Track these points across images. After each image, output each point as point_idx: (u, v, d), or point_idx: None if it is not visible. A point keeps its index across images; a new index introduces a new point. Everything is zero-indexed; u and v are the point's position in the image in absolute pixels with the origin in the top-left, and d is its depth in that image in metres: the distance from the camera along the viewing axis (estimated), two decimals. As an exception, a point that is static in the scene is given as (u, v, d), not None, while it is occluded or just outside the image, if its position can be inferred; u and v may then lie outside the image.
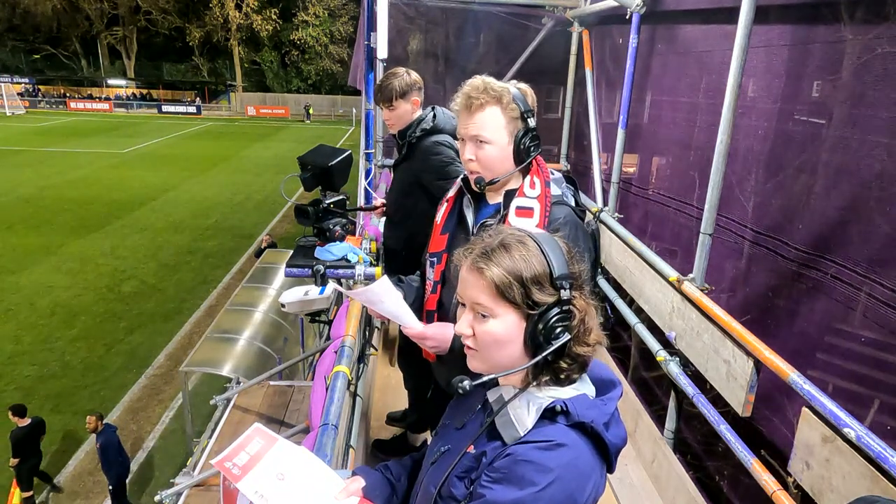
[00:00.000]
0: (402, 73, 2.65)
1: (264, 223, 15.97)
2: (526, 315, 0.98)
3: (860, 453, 1.56)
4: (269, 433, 1.21)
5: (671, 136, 3.36)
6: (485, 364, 1.03)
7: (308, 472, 1.17)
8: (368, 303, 1.60)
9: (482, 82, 1.62)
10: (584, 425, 0.94)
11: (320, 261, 2.85)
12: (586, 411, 0.95)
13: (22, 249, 13.31)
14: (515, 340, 0.99)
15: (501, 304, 0.97)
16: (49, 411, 7.83)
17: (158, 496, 2.67)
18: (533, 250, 0.98)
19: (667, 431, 2.77)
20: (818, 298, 2.07)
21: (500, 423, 1.00)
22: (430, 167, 2.57)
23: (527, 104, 1.63)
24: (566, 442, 0.93)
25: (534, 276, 0.96)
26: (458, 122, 1.68)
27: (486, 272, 0.97)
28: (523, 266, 0.97)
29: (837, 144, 2.02)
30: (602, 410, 0.98)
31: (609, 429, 0.97)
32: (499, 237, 1.01)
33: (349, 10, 41.98)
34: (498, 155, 1.62)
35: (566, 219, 1.63)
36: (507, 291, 0.96)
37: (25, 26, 42.02)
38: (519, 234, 1.02)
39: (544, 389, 1.00)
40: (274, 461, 1.14)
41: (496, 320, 0.98)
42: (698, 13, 3.04)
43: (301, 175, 2.80)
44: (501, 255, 0.98)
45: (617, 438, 0.99)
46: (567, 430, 0.94)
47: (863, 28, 1.91)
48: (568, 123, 4.77)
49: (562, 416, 0.95)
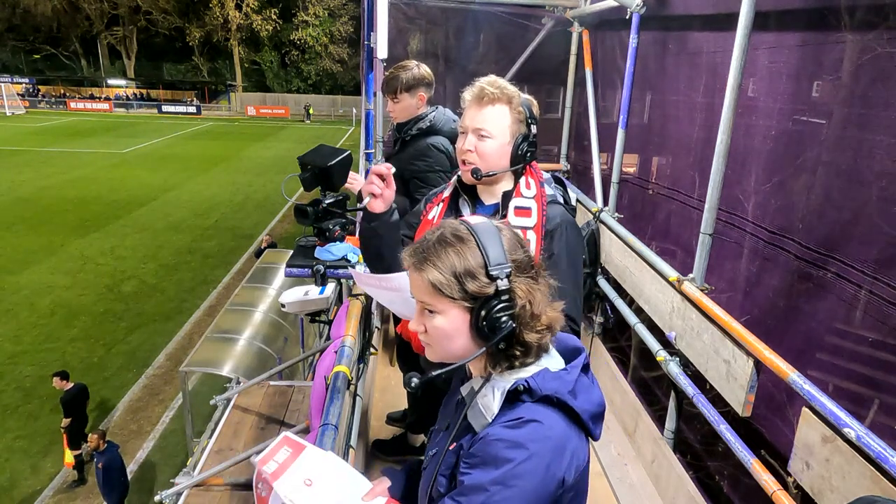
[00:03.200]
0: (411, 67, 2.65)
1: (264, 223, 15.97)
2: (468, 308, 0.99)
3: (860, 453, 1.56)
4: (298, 440, 1.24)
5: (671, 135, 3.36)
6: (440, 356, 1.05)
7: (335, 477, 1.19)
8: (397, 289, 1.57)
9: (497, 80, 1.68)
10: (549, 398, 0.96)
11: (320, 261, 2.85)
12: (548, 384, 0.96)
13: (22, 249, 13.31)
14: (463, 332, 1.01)
15: (442, 300, 0.99)
16: (49, 411, 7.84)
17: (158, 496, 2.66)
18: (469, 242, 0.99)
19: (667, 431, 2.77)
20: (821, 297, 2.07)
21: (471, 414, 1.03)
22: (415, 167, 2.59)
23: (532, 112, 1.70)
24: (535, 417, 0.94)
25: (467, 269, 0.97)
26: (465, 114, 1.71)
27: (424, 272, 0.99)
28: (456, 261, 0.98)
29: (839, 144, 2.02)
30: (565, 380, 0.99)
31: (577, 396, 0.98)
32: (437, 233, 1.02)
33: (349, 10, 41.98)
34: (496, 150, 1.67)
35: (562, 217, 1.69)
36: (444, 288, 0.98)
37: (25, 26, 42.05)
38: (457, 226, 1.02)
39: (507, 374, 1.01)
40: (302, 468, 1.17)
41: (441, 316, 1.01)
42: (700, 16, 3.04)
43: (301, 175, 2.80)
44: (437, 253, 0.99)
45: (588, 404, 0.99)
46: (533, 406, 0.96)
47: (861, 30, 1.91)
48: (568, 123, 4.77)
49: (525, 394, 0.97)
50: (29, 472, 6.91)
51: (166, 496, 2.66)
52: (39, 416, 7.81)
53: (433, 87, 2.70)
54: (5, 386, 8.39)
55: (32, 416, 7.82)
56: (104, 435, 6.16)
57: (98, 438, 6.04)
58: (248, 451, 2.78)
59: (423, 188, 2.58)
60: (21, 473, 6.89)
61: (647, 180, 3.63)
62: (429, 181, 2.56)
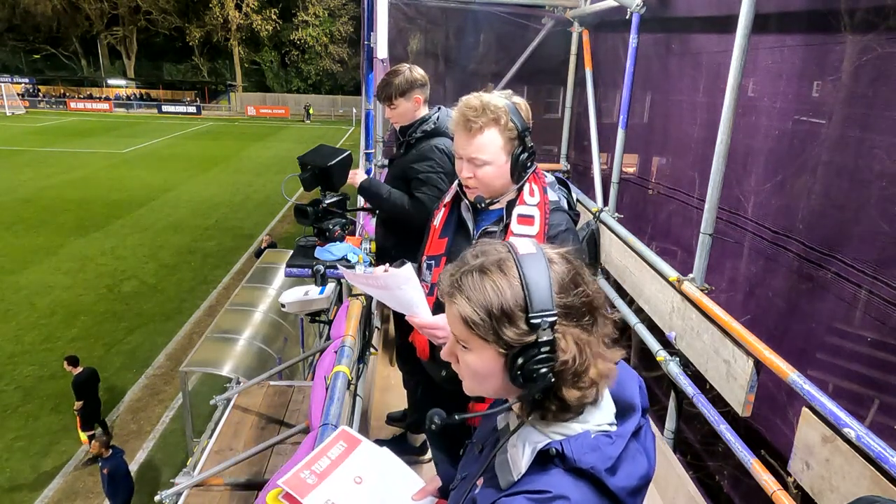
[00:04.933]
0: (403, 71, 2.64)
1: (264, 223, 15.97)
2: (502, 353, 0.86)
3: (860, 453, 1.56)
4: (355, 435, 1.22)
5: (672, 135, 3.36)
6: (473, 392, 0.95)
7: (387, 474, 1.18)
8: (384, 287, 1.55)
9: (480, 103, 1.60)
10: (583, 471, 0.82)
11: (320, 261, 2.86)
12: (585, 456, 0.82)
13: (22, 249, 13.31)
14: (497, 375, 0.89)
15: (474, 338, 0.87)
16: (49, 411, 7.85)
17: (158, 496, 2.66)
18: (511, 278, 0.85)
19: (667, 431, 2.77)
20: (821, 297, 2.07)
21: (499, 462, 0.91)
22: (418, 168, 2.59)
23: (523, 121, 1.63)
24: (563, 493, 0.81)
25: (504, 310, 0.83)
26: (456, 141, 1.68)
27: (455, 305, 0.87)
28: (493, 298, 0.84)
29: (840, 144, 2.02)
30: (605, 453, 0.83)
31: (616, 472, 0.83)
32: (480, 259, 0.88)
33: (349, 10, 41.99)
34: (496, 174, 1.65)
35: (567, 225, 1.68)
36: (477, 328, 0.85)
37: (25, 26, 42.06)
38: (503, 255, 0.87)
39: (541, 426, 0.88)
40: (354, 464, 1.16)
41: (473, 353, 0.89)
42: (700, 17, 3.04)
43: (301, 175, 2.80)
44: (473, 284, 0.86)
45: (629, 479, 0.84)
46: (565, 477, 0.83)
47: (862, 30, 1.91)
48: (568, 123, 4.77)
49: (558, 458, 0.84)
50: (29, 472, 6.90)
51: (166, 496, 2.66)
52: (39, 416, 7.81)
53: (427, 86, 2.70)
54: (5, 386, 8.39)
55: (32, 415, 7.82)
56: (108, 442, 6.12)
57: (100, 446, 6.00)
58: (249, 451, 2.78)
59: (422, 188, 2.58)
60: (21, 473, 6.89)
61: (648, 180, 3.63)
62: (430, 181, 2.56)
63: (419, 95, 2.66)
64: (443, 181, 2.54)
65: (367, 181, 2.82)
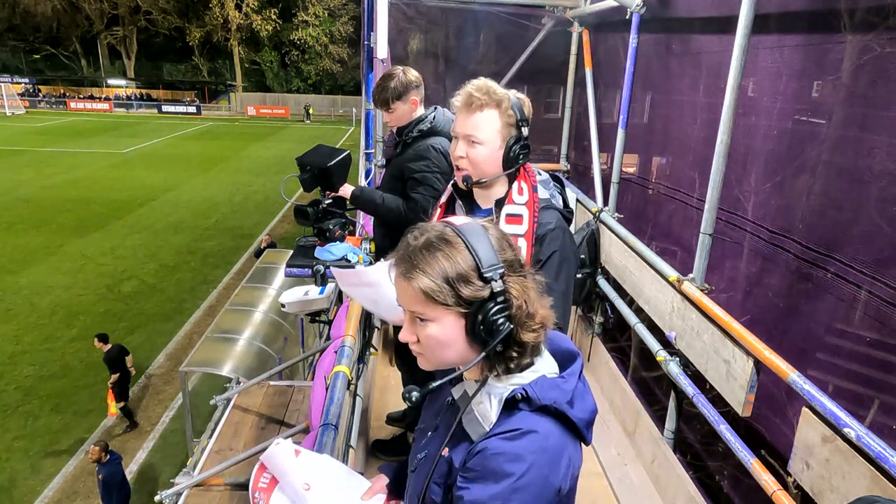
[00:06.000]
0: (397, 74, 2.64)
1: (264, 223, 15.97)
2: (463, 313, 0.95)
3: (860, 453, 1.56)
4: (295, 446, 1.23)
5: (672, 135, 3.36)
6: (433, 364, 1.02)
7: (333, 478, 1.20)
8: (373, 284, 1.55)
9: (485, 84, 1.65)
10: (547, 408, 0.94)
11: (320, 261, 2.86)
12: (547, 393, 0.95)
13: (22, 249, 13.31)
14: (458, 339, 0.97)
15: (435, 308, 0.95)
16: (49, 411, 7.85)
17: (158, 496, 2.66)
18: (457, 245, 0.95)
19: (667, 431, 2.77)
20: (821, 297, 2.07)
21: (467, 420, 1.00)
22: (414, 168, 2.59)
23: (523, 113, 1.67)
24: (533, 427, 0.92)
25: (460, 273, 0.93)
26: (455, 119, 1.71)
27: (413, 280, 0.94)
28: (448, 266, 0.93)
29: (840, 144, 2.02)
30: (563, 389, 0.97)
31: (573, 405, 0.96)
32: (423, 237, 0.97)
33: (349, 10, 41.97)
34: (488, 156, 1.67)
35: (556, 223, 1.67)
36: (437, 296, 0.94)
37: (25, 26, 42.03)
38: (442, 229, 0.98)
39: (503, 379, 0.98)
40: (299, 472, 1.17)
41: (434, 324, 0.96)
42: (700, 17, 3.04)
43: (300, 176, 2.80)
44: (425, 258, 0.94)
45: (583, 412, 0.98)
46: (531, 416, 0.94)
47: (861, 30, 1.91)
48: (568, 123, 4.77)
49: (523, 402, 0.95)
50: (29, 472, 6.90)
51: (166, 496, 2.66)
52: (39, 416, 7.81)
53: (422, 87, 2.70)
54: (5, 386, 8.39)
55: (32, 415, 7.82)
56: (107, 447, 6.08)
57: (100, 451, 5.96)
58: (249, 451, 2.78)
59: (418, 188, 2.58)
60: (21, 473, 6.89)
61: (648, 180, 3.63)
62: (426, 181, 2.56)
63: (415, 97, 2.66)
64: (439, 181, 2.53)
65: (357, 189, 2.82)
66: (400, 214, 2.64)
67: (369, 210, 2.85)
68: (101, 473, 5.99)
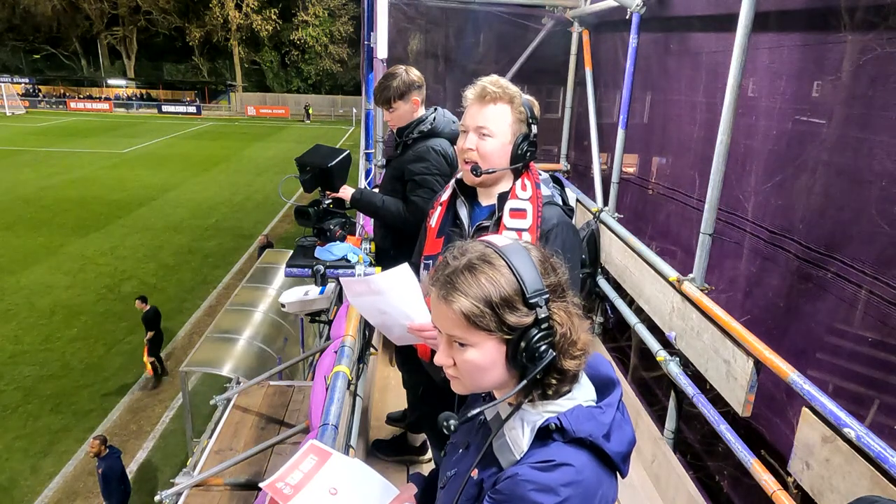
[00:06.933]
0: (400, 74, 2.64)
1: (264, 223, 15.98)
2: (505, 339, 0.91)
3: (860, 453, 1.56)
4: (324, 448, 1.23)
5: (672, 135, 3.36)
6: (468, 389, 0.98)
7: (361, 484, 1.19)
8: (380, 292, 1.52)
9: (499, 79, 1.68)
10: (582, 440, 0.90)
11: (320, 261, 2.86)
12: (582, 425, 0.90)
13: (22, 249, 13.32)
14: (498, 364, 0.93)
15: (476, 332, 0.91)
16: (49, 411, 7.85)
17: (158, 496, 2.66)
18: (501, 268, 0.90)
19: (667, 431, 2.77)
20: (821, 297, 2.07)
21: (497, 446, 0.96)
22: (414, 170, 2.59)
23: (533, 112, 1.71)
24: (566, 460, 0.88)
25: (504, 298, 0.89)
26: (466, 112, 1.72)
27: (454, 304, 0.90)
28: (491, 290, 0.89)
29: (840, 144, 2.02)
30: (599, 421, 0.92)
31: (610, 438, 0.91)
32: (464, 258, 0.92)
33: (349, 10, 41.98)
34: (497, 149, 1.68)
35: (559, 219, 1.69)
36: (479, 320, 0.89)
37: (25, 26, 42.05)
38: (485, 251, 0.93)
39: (538, 405, 0.94)
40: (327, 476, 1.16)
41: (474, 349, 0.92)
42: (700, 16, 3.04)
43: (300, 176, 2.80)
44: (467, 281, 0.90)
45: (621, 445, 0.93)
46: (565, 447, 0.90)
47: (861, 30, 1.91)
48: (568, 123, 4.77)
49: (557, 433, 0.90)
50: (29, 473, 6.90)
51: (166, 496, 2.66)
52: (39, 416, 7.82)
53: (424, 87, 2.70)
54: (5, 386, 8.39)
55: (32, 415, 7.83)
56: (105, 441, 6.08)
57: (100, 444, 5.96)
58: (249, 451, 2.78)
59: (418, 190, 2.57)
60: (21, 473, 6.89)
61: (648, 180, 3.63)
62: (426, 184, 2.56)
63: (417, 97, 2.65)
64: (438, 183, 2.53)
65: (357, 192, 2.82)
66: (400, 217, 2.64)
67: (369, 213, 2.85)
68: (101, 467, 6.00)
